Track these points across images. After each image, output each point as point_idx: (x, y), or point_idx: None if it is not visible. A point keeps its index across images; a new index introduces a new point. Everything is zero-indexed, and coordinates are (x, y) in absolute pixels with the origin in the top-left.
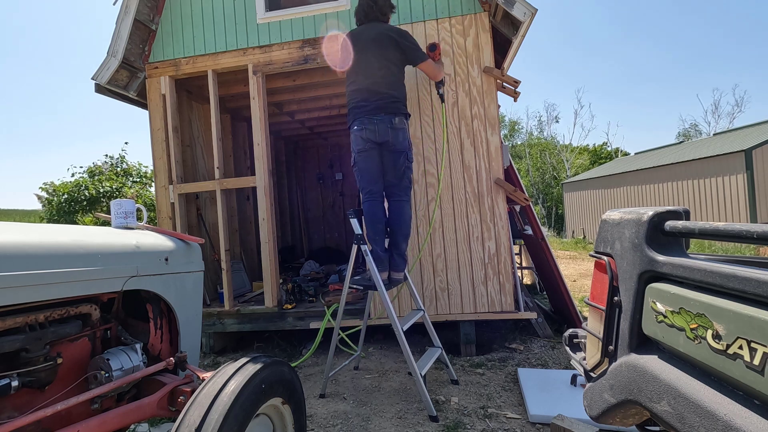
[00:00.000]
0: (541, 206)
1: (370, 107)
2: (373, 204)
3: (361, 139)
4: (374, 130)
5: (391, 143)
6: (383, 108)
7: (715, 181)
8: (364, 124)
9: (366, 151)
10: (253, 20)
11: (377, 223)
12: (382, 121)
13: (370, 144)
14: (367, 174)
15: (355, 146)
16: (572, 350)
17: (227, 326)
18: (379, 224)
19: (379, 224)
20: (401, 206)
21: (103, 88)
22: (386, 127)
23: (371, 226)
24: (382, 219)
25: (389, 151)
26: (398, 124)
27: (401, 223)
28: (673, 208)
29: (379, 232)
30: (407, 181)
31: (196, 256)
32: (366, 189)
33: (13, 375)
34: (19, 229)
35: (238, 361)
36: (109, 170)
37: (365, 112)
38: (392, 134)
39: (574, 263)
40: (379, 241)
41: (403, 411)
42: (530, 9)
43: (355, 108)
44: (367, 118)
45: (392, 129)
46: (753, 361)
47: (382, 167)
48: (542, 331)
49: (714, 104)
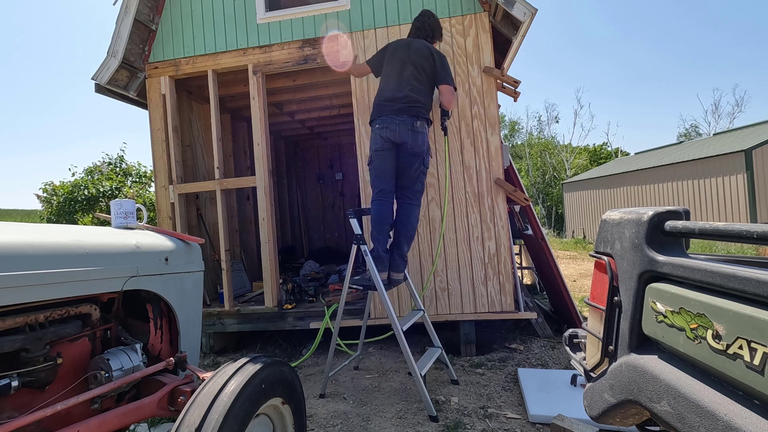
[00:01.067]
0: (541, 206)
1: (395, 107)
2: (383, 204)
3: (380, 137)
4: (395, 129)
5: (409, 145)
6: (406, 110)
7: (715, 181)
8: (385, 123)
9: (383, 150)
10: (253, 20)
11: (383, 224)
12: (403, 122)
13: (388, 144)
14: (381, 173)
15: (372, 144)
16: (572, 350)
17: (227, 326)
18: (385, 224)
19: (386, 224)
20: (410, 209)
21: (103, 88)
22: (407, 128)
23: (377, 225)
24: (389, 220)
25: (406, 153)
26: (419, 128)
27: (408, 225)
28: (673, 208)
29: (383, 231)
30: (420, 186)
31: (196, 256)
32: (378, 188)
33: (13, 375)
34: (19, 229)
35: (238, 361)
36: (109, 170)
37: (389, 111)
38: (411, 136)
39: (574, 263)
40: (382, 240)
41: (403, 411)
42: (530, 9)
43: (380, 105)
44: (389, 118)
45: (412, 131)
46: (753, 361)
47: (397, 168)
48: (542, 331)
49: (714, 104)
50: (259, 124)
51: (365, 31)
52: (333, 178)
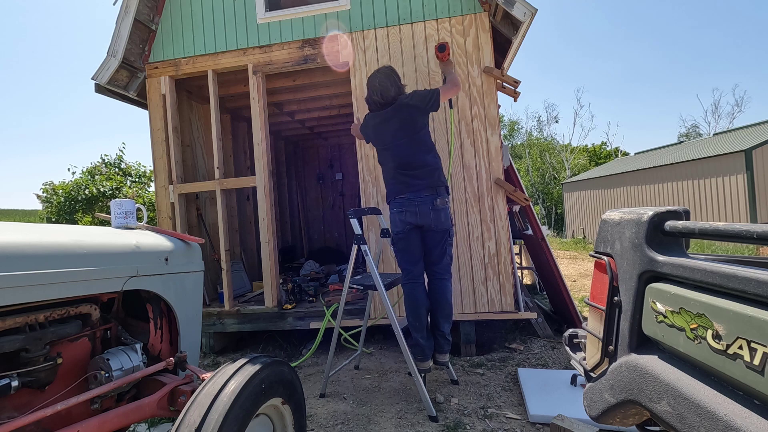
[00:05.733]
0: (541, 206)
1: (410, 184)
2: (414, 287)
3: (401, 221)
4: (415, 212)
5: (432, 225)
6: (424, 187)
7: (715, 181)
8: (404, 207)
9: (406, 232)
10: (253, 20)
11: (418, 308)
12: (423, 203)
13: (409, 226)
14: (408, 256)
15: (394, 227)
16: (572, 350)
17: (227, 326)
18: (420, 309)
19: (421, 309)
20: (443, 285)
21: (103, 88)
22: (428, 209)
23: (412, 312)
24: (424, 303)
25: (431, 231)
26: (440, 205)
27: (444, 303)
28: (673, 208)
29: (420, 317)
30: (449, 258)
31: (196, 256)
32: (406, 270)
33: (13, 375)
34: (19, 229)
35: (238, 361)
36: (108, 171)
37: (406, 190)
38: (434, 216)
39: (574, 263)
40: (420, 327)
41: (403, 411)
42: (530, 9)
43: (393, 188)
44: (408, 201)
45: (434, 210)
46: (753, 361)
47: (423, 246)
48: (542, 331)
49: (714, 104)
50: (259, 124)
51: (365, 31)
52: (333, 178)
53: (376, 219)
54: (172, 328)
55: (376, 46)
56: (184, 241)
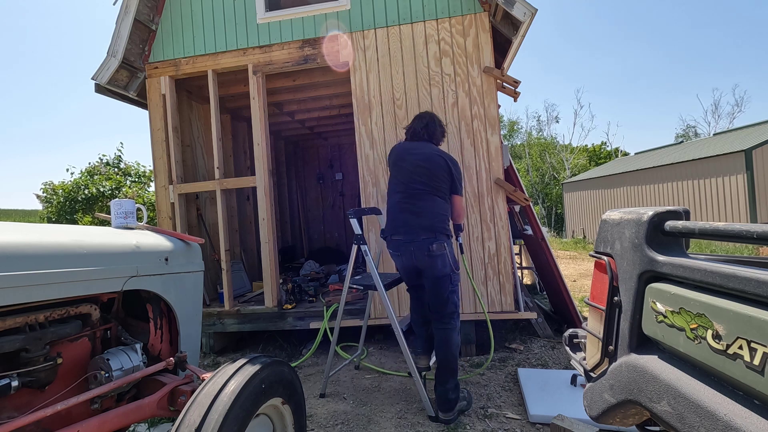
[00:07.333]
0: (541, 206)
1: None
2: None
3: (400, 265)
4: (410, 257)
5: (428, 271)
6: (422, 228)
7: (715, 181)
8: (399, 250)
9: (403, 274)
10: (253, 20)
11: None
12: (419, 249)
13: (407, 269)
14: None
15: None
16: (572, 350)
17: (227, 326)
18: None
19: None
20: (447, 335)
21: (103, 88)
22: (423, 254)
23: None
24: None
25: (429, 276)
26: (436, 251)
27: (448, 355)
28: (673, 208)
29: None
30: (452, 306)
31: (196, 256)
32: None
33: (13, 375)
34: (19, 229)
35: (238, 361)
36: (107, 171)
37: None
38: (429, 262)
39: (574, 263)
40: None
41: (403, 411)
42: (530, 9)
43: (391, 223)
44: (403, 244)
45: (429, 257)
46: (753, 361)
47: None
48: (542, 331)
49: (714, 104)
50: (259, 124)
51: (365, 31)
52: (333, 178)
53: (376, 219)
54: (172, 328)
55: (376, 46)
56: (184, 241)
